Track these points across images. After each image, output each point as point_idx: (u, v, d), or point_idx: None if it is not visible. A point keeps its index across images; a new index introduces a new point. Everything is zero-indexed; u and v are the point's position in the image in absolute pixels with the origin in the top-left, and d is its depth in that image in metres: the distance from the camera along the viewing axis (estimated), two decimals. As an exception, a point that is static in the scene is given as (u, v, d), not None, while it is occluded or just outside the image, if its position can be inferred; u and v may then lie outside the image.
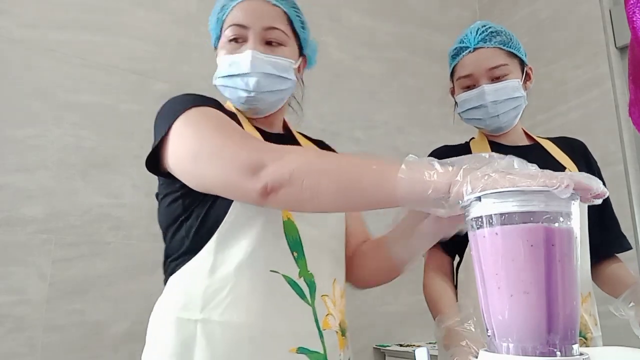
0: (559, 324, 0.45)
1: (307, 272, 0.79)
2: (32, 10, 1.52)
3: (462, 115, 1.12)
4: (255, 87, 0.86)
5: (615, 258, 1.12)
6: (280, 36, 0.88)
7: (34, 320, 1.37)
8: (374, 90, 2.30)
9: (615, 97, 2.04)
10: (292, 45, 0.91)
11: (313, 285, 0.78)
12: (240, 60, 0.86)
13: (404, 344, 2.00)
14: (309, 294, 0.78)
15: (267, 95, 0.88)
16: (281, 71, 0.87)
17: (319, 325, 0.78)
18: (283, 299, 0.76)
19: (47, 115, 1.49)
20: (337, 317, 0.82)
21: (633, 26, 0.47)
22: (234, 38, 0.87)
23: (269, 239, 0.77)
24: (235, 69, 0.86)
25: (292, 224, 0.79)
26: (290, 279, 0.77)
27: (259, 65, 0.85)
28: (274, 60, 0.86)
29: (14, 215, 1.40)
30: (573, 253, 0.47)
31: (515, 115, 1.10)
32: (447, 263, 1.09)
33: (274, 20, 0.87)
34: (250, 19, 0.86)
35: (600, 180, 0.49)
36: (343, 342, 0.83)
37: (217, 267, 0.75)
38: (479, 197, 0.49)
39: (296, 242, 0.79)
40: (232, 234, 0.76)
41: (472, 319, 0.72)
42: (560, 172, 0.47)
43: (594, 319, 1.04)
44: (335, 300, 0.83)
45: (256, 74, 0.85)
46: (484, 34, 1.08)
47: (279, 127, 0.96)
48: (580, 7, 2.21)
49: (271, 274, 0.76)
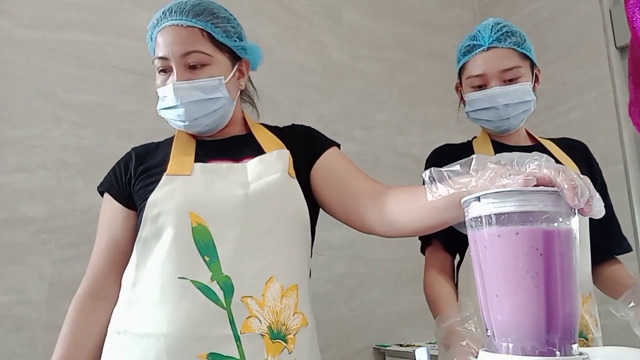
0: (558, 323, 0.45)
1: (221, 275, 0.77)
2: (32, 10, 1.52)
3: (470, 115, 1.11)
4: (186, 117, 0.88)
5: (615, 259, 1.12)
6: (200, 58, 0.87)
7: (34, 320, 1.37)
8: (374, 90, 2.30)
9: (615, 97, 2.04)
10: (218, 61, 0.89)
11: (229, 287, 0.76)
12: (167, 93, 0.88)
13: (404, 344, 2.00)
14: (223, 297, 0.76)
15: (202, 120, 0.89)
16: (209, 93, 0.87)
17: (236, 329, 0.75)
18: (193, 304, 0.75)
19: (47, 115, 1.49)
20: (265, 319, 0.77)
21: (633, 26, 0.47)
22: (161, 69, 0.89)
23: (178, 247, 0.79)
24: (166, 101, 0.89)
25: (202, 229, 0.79)
26: (201, 284, 0.76)
27: (183, 95, 0.86)
28: (200, 84, 0.87)
29: (14, 215, 1.40)
30: (572, 253, 0.47)
31: (523, 118, 1.09)
32: (448, 262, 1.09)
33: (190, 44, 0.86)
34: (168, 49, 0.87)
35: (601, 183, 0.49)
36: (275, 347, 0.77)
37: (137, 280, 0.81)
38: (478, 197, 0.49)
39: (208, 245, 0.78)
40: (146, 249, 0.82)
41: (473, 318, 0.72)
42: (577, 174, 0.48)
43: (594, 319, 1.04)
44: (265, 300, 0.78)
45: (183, 104, 0.87)
46: (498, 34, 1.06)
47: (238, 130, 0.98)
48: (580, 7, 2.21)
49: (179, 280, 0.76)
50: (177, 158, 0.89)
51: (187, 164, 0.87)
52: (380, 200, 0.82)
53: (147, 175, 0.90)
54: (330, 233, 1.94)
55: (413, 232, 0.82)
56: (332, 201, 0.90)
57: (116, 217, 0.91)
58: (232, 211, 0.81)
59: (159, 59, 0.88)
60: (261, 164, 0.88)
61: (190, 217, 0.79)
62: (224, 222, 0.80)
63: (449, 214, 0.64)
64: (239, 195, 0.82)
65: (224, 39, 0.90)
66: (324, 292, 1.93)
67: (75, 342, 0.85)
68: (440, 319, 0.79)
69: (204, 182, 0.84)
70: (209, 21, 0.88)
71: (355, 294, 2.02)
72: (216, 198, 0.82)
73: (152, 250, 0.81)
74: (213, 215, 0.80)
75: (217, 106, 0.89)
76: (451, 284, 1.05)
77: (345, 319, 1.96)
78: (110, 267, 0.89)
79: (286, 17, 2.09)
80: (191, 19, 0.87)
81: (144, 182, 0.89)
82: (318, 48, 2.15)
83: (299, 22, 2.12)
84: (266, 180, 0.85)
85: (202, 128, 0.91)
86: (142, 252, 0.82)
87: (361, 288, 2.05)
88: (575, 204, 0.47)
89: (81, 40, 1.59)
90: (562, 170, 0.48)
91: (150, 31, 0.92)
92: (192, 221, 0.79)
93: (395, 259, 2.14)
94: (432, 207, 0.70)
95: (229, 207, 0.81)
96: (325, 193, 0.91)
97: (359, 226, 0.87)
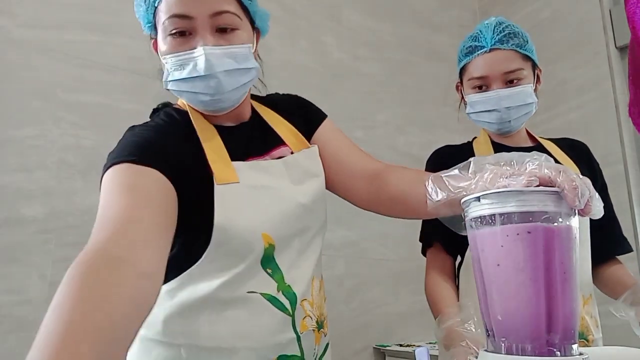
0: (558, 323, 0.45)
1: (284, 285, 0.77)
2: (32, 10, 1.52)
3: (472, 116, 1.11)
4: (218, 89, 0.75)
5: (615, 260, 1.12)
6: (232, 20, 0.74)
7: (34, 320, 1.37)
8: (374, 90, 2.30)
9: (615, 97, 2.04)
10: (246, 25, 0.78)
11: (292, 296, 0.78)
12: (192, 60, 0.73)
13: (404, 344, 2.00)
14: (289, 305, 0.77)
15: (232, 94, 0.77)
16: (242, 62, 0.76)
17: (297, 330, 0.77)
18: (263, 316, 0.75)
19: (47, 115, 1.49)
20: (314, 315, 0.81)
21: (633, 26, 0.47)
22: (177, 31, 0.74)
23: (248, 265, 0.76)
24: (190, 70, 0.74)
25: (271, 247, 0.77)
26: (270, 296, 0.76)
27: (217, 63, 0.73)
28: (232, 51, 0.74)
29: (14, 215, 1.40)
30: (572, 253, 0.47)
31: (525, 120, 1.09)
32: (448, 263, 1.09)
33: (219, 1, 0.73)
34: (193, 5, 0.72)
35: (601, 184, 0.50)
36: (318, 337, 0.82)
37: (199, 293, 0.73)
38: (478, 197, 0.49)
39: (268, 259, 0.77)
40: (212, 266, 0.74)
41: (473, 319, 0.72)
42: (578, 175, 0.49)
43: (595, 320, 1.04)
44: (314, 299, 0.82)
45: (216, 74, 0.73)
46: (501, 35, 1.04)
47: (246, 114, 0.87)
48: (580, 7, 2.21)
49: (249, 295, 0.75)
50: (218, 162, 0.76)
51: (230, 167, 0.76)
52: (377, 181, 0.82)
53: (188, 177, 0.72)
54: (330, 233, 1.93)
55: (409, 218, 0.83)
56: (328, 177, 0.89)
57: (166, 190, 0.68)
58: (291, 224, 0.80)
59: (174, 18, 0.72)
60: (299, 166, 0.84)
61: (263, 238, 0.75)
62: (285, 235, 0.79)
63: (445, 211, 0.64)
64: (296, 206, 0.80)
65: (247, 1, 0.78)
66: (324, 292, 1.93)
67: (86, 317, 0.44)
68: (441, 319, 0.79)
69: (259, 193, 0.77)
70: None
71: (355, 294, 2.02)
72: (278, 213, 0.78)
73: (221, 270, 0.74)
74: (278, 232, 0.77)
75: (248, 78, 0.78)
76: (452, 285, 1.05)
77: (345, 319, 1.96)
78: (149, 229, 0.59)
79: (286, 17, 2.09)
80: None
81: (189, 187, 0.72)
82: (318, 48, 2.15)
83: (299, 22, 2.12)
84: (311, 185, 0.84)
85: (227, 104, 0.79)
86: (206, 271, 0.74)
87: (361, 288, 2.05)
88: (576, 204, 0.47)
89: (81, 40, 1.59)
90: (562, 171, 0.48)
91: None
92: (265, 242, 0.76)
93: (395, 259, 2.14)
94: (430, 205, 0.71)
95: (288, 220, 0.79)
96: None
97: (357, 204, 0.88)
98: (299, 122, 0.91)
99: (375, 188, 0.82)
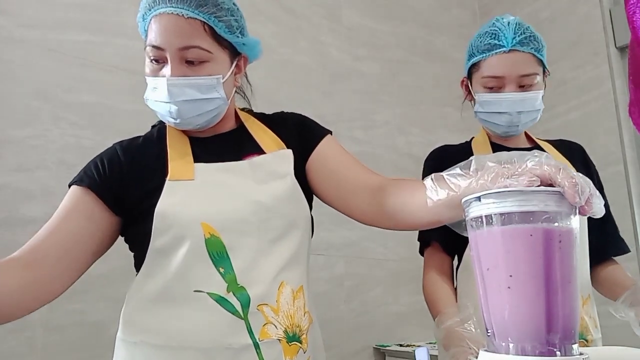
0: (558, 323, 0.45)
1: (236, 286, 0.77)
2: (32, 10, 1.52)
3: (479, 115, 1.09)
4: (178, 115, 0.82)
5: (612, 260, 1.12)
6: (199, 54, 0.80)
7: (34, 320, 1.37)
8: (374, 90, 2.30)
9: (615, 97, 2.04)
10: (217, 57, 0.83)
11: (245, 298, 0.77)
12: (159, 86, 0.81)
13: (404, 344, 2.00)
14: (240, 308, 0.76)
15: (194, 119, 0.84)
16: (206, 92, 0.81)
17: (255, 337, 0.76)
18: (212, 316, 0.75)
19: (47, 115, 1.49)
20: (281, 324, 0.79)
21: (633, 26, 0.47)
22: (154, 59, 0.82)
23: (193, 259, 0.77)
24: (157, 94, 0.82)
25: (216, 240, 0.77)
26: (217, 296, 0.76)
27: (177, 92, 0.80)
28: (196, 82, 0.81)
29: (14, 215, 1.40)
30: (573, 253, 0.47)
31: (530, 125, 1.09)
32: (447, 263, 1.09)
33: (190, 37, 0.79)
34: (165, 39, 0.79)
35: (598, 185, 0.49)
36: (290, 350, 0.79)
37: (149, 292, 0.79)
38: (478, 197, 0.49)
39: (221, 257, 0.77)
40: (159, 261, 0.79)
41: (472, 319, 0.72)
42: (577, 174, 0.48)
43: (594, 321, 1.04)
44: (280, 306, 0.79)
45: (176, 102, 0.80)
46: (522, 37, 1.02)
47: (226, 128, 0.92)
48: (580, 7, 2.21)
49: (196, 294, 0.76)
50: (177, 160, 0.83)
51: (189, 167, 0.83)
52: (379, 194, 0.81)
53: (143, 178, 0.83)
54: (330, 233, 1.94)
55: (411, 228, 0.82)
56: (329, 194, 0.89)
57: (91, 212, 0.82)
58: (244, 220, 0.79)
59: (152, 48, 0.81)
60: (266, 166, 0.85)
61: (203, 228, 0.77)
62: (237, 232, 0.79)
63: (448, 214, 0.64)
64: (251, 202, 0.80)
65: (226, 34, 0.83)
66: (324, 292, 1.93)
67: None
68: (440, 319, 0.79)
69: (211, 188, 0.81)
70: (213, 14, 0.81)
71: (355, 294, 2.02)
72: (228, 207, 0.80)
73: (166, 262, 0.78)
74: (225, 225, 0.78)
75: (211, 107, 0.84)
76: (450, 285, 1.05)
77: (345, 319, 1.96)
78: (59, 256, 0.81)
79: (286, 17, 2.09)
80: (193, 10, 0.79)
81: (143, 186, 0.83)
82: (318, 48, 2.15)
83: (299, 22, 2.12)
84: (275, 185, 0.83)
85: (193, 127, 0.86)
86: (154, 264, 0.79)
87: (361, 288, 2.05)
88: (576, 201, 0.47)
89: (81, 40, 1.59)
90: (562, 168, 0.48)
91: (143, 11, 0.83)
92: (205, 232, 0.77)
93: (395, 259, 2.14)
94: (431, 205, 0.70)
95: (241, 216, 0.79)
96: (322, 185, 0.90)
97: (358, 219, 0.87)
98: (289, 136, 0.92)
99: (377, 201, 0.81)
